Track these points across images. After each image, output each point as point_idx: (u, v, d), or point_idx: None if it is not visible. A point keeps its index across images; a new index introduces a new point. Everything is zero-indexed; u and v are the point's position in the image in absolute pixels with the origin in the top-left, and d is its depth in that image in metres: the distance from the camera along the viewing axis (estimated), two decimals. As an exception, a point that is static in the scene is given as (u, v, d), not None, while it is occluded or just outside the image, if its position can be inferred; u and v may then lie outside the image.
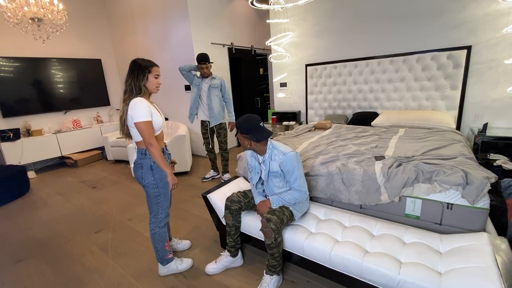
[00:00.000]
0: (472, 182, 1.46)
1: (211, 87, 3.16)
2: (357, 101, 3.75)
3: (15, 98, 4.30)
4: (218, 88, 3.21)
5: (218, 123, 3.27)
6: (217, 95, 3.21)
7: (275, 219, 1.52)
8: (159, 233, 1.74)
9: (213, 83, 3.16)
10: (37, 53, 4.51)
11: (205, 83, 3.17)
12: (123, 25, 5.17)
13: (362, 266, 1.32)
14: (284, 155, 1.61)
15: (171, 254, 1.84)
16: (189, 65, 3.16)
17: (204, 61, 3.03)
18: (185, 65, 3.14)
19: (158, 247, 1.76)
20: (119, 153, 4.60)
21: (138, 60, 1.63)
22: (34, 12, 3.07)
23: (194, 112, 3.28)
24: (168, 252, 1.80)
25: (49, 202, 3.23)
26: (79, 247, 2.23)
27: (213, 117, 3.23)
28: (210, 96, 3.17)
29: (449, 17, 2.91)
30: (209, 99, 3.17)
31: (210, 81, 3.16)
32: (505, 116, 2.84)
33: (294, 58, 4.25)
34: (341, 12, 3.62)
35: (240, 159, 2.45)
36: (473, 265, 1.16)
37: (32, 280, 1.88)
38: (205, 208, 2.67)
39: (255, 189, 1.80)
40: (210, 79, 3.16)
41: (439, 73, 3.05)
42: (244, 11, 5.11)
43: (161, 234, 1.75)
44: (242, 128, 1.61)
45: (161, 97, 5.04)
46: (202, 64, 3.04)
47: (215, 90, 3.19)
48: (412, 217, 1.67)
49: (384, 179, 1.69)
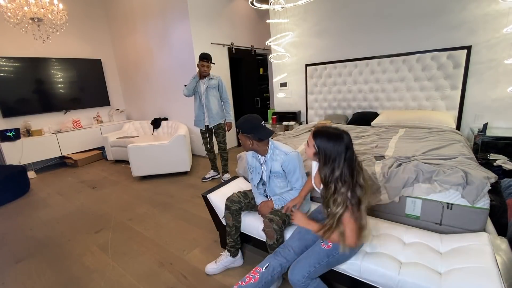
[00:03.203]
0: (472, 182, 1.46)
1: (209, 88, 3.14)
2: (357, 101, 3.75)
3: (15, 98, 4.31)
4: (216, 88, 3.20)
5: (217, 123, 3.27)
6: (214, 95, 3.19)
7: (278, 220, 1.52)
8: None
9: (211, 83, 3.14)
10: (37, 53, 4.51)
11: (202, 83, 3.14)
12: (123, 25, 5.17)
13: (362, 266, 1.32)
14: (286, 155, 1.61)
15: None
16: (190, 85, 3.09)
17: (206, 58, 3.01)
18: (188, 90, 3.09)
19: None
20: (119, 153, 4.60)
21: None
22: (34, 12, 3.06)
23: (202, 117, 3.25)
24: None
25: (49, 202, 3.23)
26: (79, 247, 2.23)
27: (212, 117, 3.22)
28: (208, 96, 3.15)
29: (449, 17, 2.91)
30: (207, 100, 3.16)
31: (207, 81, 3.14)
32: (505, 116, 2.84)
33: (294, 58, 4.25)
34: (341, 12, 3.62)
35: (240, 159, 2.45)
36: (473, 265, 1.16)
37: (32, 280, 1.88)
38: (205, 208, 2.66)
39: (256, 190, 1.80)
40: (207, 80, 3.14)
41: (439, 73, 3.05)
42: (244, 11, 5.11)
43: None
44: (243, 128, 1.61)
45: (161, 97, 5.05)
46: (204, 61, 3.01)
47: (213, 90, 3.18)
48: (412, 217, 1.67)
49: (384, 179, 1.69)
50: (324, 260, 1.28)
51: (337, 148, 1.15)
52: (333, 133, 1.19)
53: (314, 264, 1.27)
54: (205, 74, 3.09)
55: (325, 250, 1.29)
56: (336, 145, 1.16)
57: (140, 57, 5.09)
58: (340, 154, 1.15)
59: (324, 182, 1.22)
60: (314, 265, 1.27)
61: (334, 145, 1.16)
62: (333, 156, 1.16)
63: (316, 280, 1.31)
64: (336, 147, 1.16)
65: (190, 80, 3.11)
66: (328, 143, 1.17)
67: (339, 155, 1.15)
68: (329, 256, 1.29)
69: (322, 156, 1.19)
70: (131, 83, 5.55)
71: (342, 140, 1.16)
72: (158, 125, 4.90)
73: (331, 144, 1.17)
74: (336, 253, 1.28)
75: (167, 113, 5.06)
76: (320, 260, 1.28)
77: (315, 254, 1.30)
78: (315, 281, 1.30)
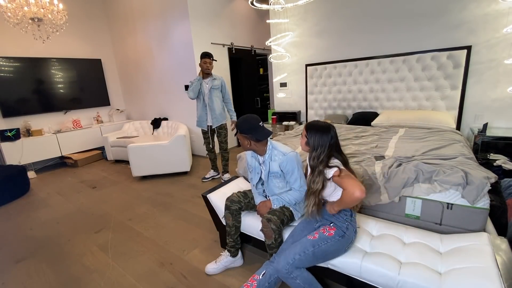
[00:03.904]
0: (472, 182, 1.46)
1: (212, 88, 3.14)
2: (357, 101, 3.74)
3: (15, 98, 4.30)
4: (219, 89, 3.20)
5: (220, 124, 3.27)
6: (218, 96, 3.20)
7: (276, 219, 1.52)
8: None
9: (214, 84, 3.14)
10: (37, 53, 4.51)
11: (205, 84, 3.14)
12: (123, 25, 5.17)
13: (362, 266, 1.32)
14: (284, 155, 1.61)
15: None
16: (195, 87, 3.05)
17: (209, 56, 3.02)
18: (193, 92, 3.05)
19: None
20: (119, 153, 4.60)
21: None
22: (34, 12, 3.06)
23: (205, 118, 3.24)
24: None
25: (49, 202, 3.23)
26: (79, 247, 2.23)
27: (215, 118, 3.22)
28: (212, 97, 3.15)
29: (449, 17, 2.91)
30: (210, 100, 3.16)
31: (211, 82, 3.13)
32: (505, 116, 2.84)
33: (294, 58, 4.25)
34: (341, 12, 3.62)
35: (240, 159, 2.45)
36: (473, 265, 1.16)
37: (32, 280, 1.88)
38: (205, 208, 2.67)
39: (255, 189, 1.80)
40: (211, 80, 3.13)
41: (439, 73, 3.05)
42: (244, 11, 5.11)
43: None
44: (241, 127, 1.62)
45: (161, 97, 5.05)
46: (206, 58, 3.01)
47: (216, 91, 3.17)
48: (412, 217, 1.67)
49: (384, 179, 1.69)
50: (309, 249, 1.33)
51: (324, 138, 1.37)
52: (322, 125, 1.42)
53: (299, 253, 1.33)
54: (208, 71, 3.08)
55: (311, 240, 1.36)
56: (324, 135, 1.37)
57: (140, 57, 5.09)
58: (326, 142, 1.37)
59: (311, 166, 1.41)
60: (299, 253, 1.33)
61: (322, 135, 1.37)
62: (321, 144, 1.37)
63: (302, 269, 1.34)
64: (324, 137, 1.37)
65: (193, 82, 3.08)
66: (317, 133, 1.38)
67: (325, 143, 1.37)
68: (314, 246, 1.34)
69: (312, 144, 1.39)
70: (131, 83, 5.55)
71: (329, 132, 1.38)
72: (158, 125, 4.90)
73: (319, 134, 1.38)
74: (322, 243, 1.34)
75: (167, 113, 5.06)
76: (305, 249, 1.34)
77: (301, 244, 1.37)
78: (300, 270, 1.33)
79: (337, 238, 1.35)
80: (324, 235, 1.36)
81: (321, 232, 1.38)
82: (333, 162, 1.35)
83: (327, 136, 1.36)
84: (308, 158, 1.45)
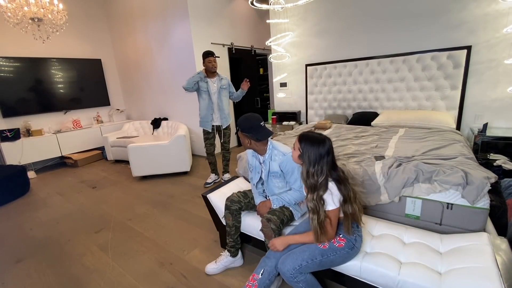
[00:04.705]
0: (472, 182, 1.46)
1: (221, 88, 3.10)
2: (357, 101, 3.75)
3: (15, 98, 4.30)
4: (227, 88, 3.18)
5: (228, 124, 3.26)
6: (226, 95, 3.17)
7: (275, 219, 1.52)
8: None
9: (223, 83, 3.10)
10: (37, 53, 4.51)
11: (213, 83, 3.06)
12: (123, 25, 5.17)
13: (362, 266, 1.32)
14: (284, 155, 1.61)
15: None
16: (191, 78, 2.94)
17: (212, 54, 2.99)
18: (188, 81, 2.92)
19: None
20: (119, 153, 4.60)
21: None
22: (34, 12, 3.06)
23: (210, 118, 3.15)
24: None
25: (49, 202, 3.23)
26: (79, 247, 2.23)
27: (224, 118, 3.20)
28: (221, 97, 3.11)
29: (449, 17, 2.91)
30: (219, 100, 3.12)
31: (219, 81, 3.08)
32: (505, 116, 2.84)
33: (294, 58, 4.25)
34: (341, 12, 3.62)
35: (240, 159, 2.45)
36: (473, 265, 1.16)
37: (32, 280, 1.88)
38: (205, 208, 2.66)
39: (255, 189, 1.80)
40: (218, 80, 3.08)
41: (439, 73, 3.05)
42: (244, 11, 5.11)
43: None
44: (242, 126, 1.62)
45: (161, 97, 5.04)
46: (211, 57, 2.97)
47: (225, 91, 3.14)
48: (412, 217, 1.67)
49: (384, 179, 1.69)
50: (317, 258, 1.31)
51: (321, 150, 1.25)
52: (317, 137, 1.29)
53: (307, 260, 1.30)
54: (215, 69, 3.02)
55: (321, 249, 1.32)
56: (321, 147, 1.26)
57: (140, 57, 5.09)
58: (323, 157, 1.25)
59: (309, 185, 1.29)
60: (306, 260, 1.30)
61: (318, 147, 1.26)
62: (318, 160, 1.25)
63: (306, 274, 1.33)
64: (319, 150, 1.25)
65: (195, 77, 2.96)
66: (312, 147, 1.26)
67: (323, 161, 1.25)
68: (323, 256, 1.31)
69: (306, 159, 1.28)
70: (131, 83, 5.55)
71: (325, 144, 1.26)
72: (158, 125, 4.90)
73: (315, 147, 1.26)
74: (331, 254, 1.31)
75: (167, 113, 5.06)
76: (313, 257, 1.31)
77: (310, 250, 1.33)
78: (305, 275, 1.32)
79: (346, 250, 1.31)
80: (334, 245, 1.31)
81: (331, 242, 1.32)
82: (332, 189, 1.25)
83: (324, 148, 1.25)
84: (302, 173, 1.33)
